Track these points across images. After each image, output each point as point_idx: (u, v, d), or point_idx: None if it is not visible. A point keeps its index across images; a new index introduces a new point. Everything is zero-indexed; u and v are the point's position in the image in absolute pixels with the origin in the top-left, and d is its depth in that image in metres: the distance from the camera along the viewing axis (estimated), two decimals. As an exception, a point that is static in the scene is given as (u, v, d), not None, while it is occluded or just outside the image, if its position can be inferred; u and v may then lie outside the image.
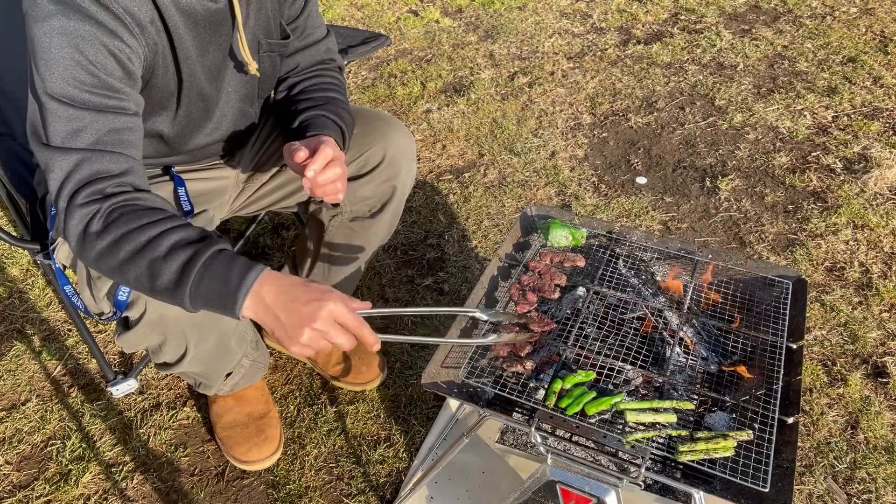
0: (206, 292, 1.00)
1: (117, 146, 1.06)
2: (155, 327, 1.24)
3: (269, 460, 1.66)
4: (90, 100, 1.03)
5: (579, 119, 2.89)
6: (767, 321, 1.33)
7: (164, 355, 1.34)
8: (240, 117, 1.40)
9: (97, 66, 1.03)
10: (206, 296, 1.00)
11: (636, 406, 1.16)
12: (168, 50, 1.16)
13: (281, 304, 0.99)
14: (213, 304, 1.01)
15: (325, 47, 1.47)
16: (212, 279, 0.99)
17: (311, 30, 1.43)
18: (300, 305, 0.98)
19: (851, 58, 3.17)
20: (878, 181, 2.44)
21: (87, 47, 1.01)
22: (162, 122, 1.26)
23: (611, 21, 3.63)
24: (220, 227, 2.35)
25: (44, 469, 1.69)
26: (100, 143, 1.04)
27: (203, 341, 1.31)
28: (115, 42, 1.04)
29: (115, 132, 1.06)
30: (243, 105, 1.38)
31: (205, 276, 0.99)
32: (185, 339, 1.28)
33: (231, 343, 1.42)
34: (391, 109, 3.02)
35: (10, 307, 2.12)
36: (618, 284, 1.43)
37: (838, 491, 1.57)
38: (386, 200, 1.54)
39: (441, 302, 2.08)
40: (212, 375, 1.54)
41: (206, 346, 1.33)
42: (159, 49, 1.14)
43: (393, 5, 3.93)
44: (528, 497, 1.22)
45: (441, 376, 1.23)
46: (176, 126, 1.28)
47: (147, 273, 1.01)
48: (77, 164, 1.02)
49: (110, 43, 1.04)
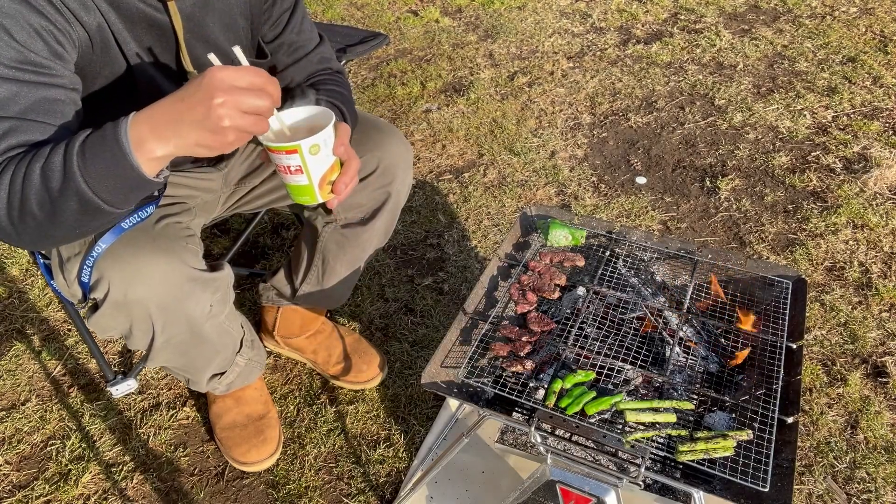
0: (91, 158, 0.93)
1: (48, 116, 1.02)
2: (120, 308, 1.21)
3: (269, 461, 1.66)
4: (15, 75, 1.00)
5: (579, 119, 2.89)
6: (767, 321, 1.33)
7: (136, 341, 1.31)
8: None
9: (20, 42, 1.00)
10: (95, 164, 0.93)
11: (636, 406, 1.16)
12: (110, 38, 1.13)
13: (170, 109, 0.91)
14: (107, 166, 0.93)
15: (319, 56, 1.43)
16: (91, 148, 0.93)
17: (301, 43, 1.39)
18: (188, 96, 0.90)
19: (851, 57, 3.17)
20: (877, 181, 2.44)
21: (10, 24, 0.99)
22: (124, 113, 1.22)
23: (611, 21, 3.63)
24: (219, 226, 2.37)
25: (43, 469, 1.69)
26: (30, 112, 1.00)
27: (171, 325, 1.27)
28: (41, 20, 1.02)
29: (46, 101, 1.02)
30: None
31: (85, 146, 0.94)
32: (151, 323, 1.25)
33: (204, 329, 1.35)
34: (391, 109, 3.02)
35: (10, 307, 2.12)
36: (618, 284, 1.43)
37: (838, 491, 1.57)
38: (378, 207, 1.52)
39: (441, 302, 2.08)
40: (193, 369, 1.51)
41: (175, 331, 1.30)
42: (96, 34, 1.11)
43: (393, 5, 3.93)
44: (528, 497, 1.22)
45: (441, 376, 1.23)
46: None
47: (40, 182, 0.94)
48: (3, 134, 0.99)
49: (35, 21, 1.01)
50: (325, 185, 1.11)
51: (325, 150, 1.07)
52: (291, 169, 1.06)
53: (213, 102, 0.88)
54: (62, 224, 0.99)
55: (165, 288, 1.20)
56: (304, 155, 1.04)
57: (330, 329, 1.90)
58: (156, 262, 1.19)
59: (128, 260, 1.17)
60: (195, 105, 0.89)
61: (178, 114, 0.91)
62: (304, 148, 1.03)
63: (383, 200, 1.51)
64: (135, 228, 1.21)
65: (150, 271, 1.18)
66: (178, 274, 1.21)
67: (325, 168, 1.09)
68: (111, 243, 1.17)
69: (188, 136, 0.91)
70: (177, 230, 1.27)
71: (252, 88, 0.91)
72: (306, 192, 1.10)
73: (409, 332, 1.99)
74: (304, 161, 1.05)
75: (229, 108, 0.89)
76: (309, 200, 1.12)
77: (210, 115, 0.89)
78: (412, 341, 1.96)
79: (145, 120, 0.93)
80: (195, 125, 0.90)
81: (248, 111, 0.91)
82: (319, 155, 1.06)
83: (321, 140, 1.05)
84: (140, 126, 0.92)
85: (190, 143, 0.92)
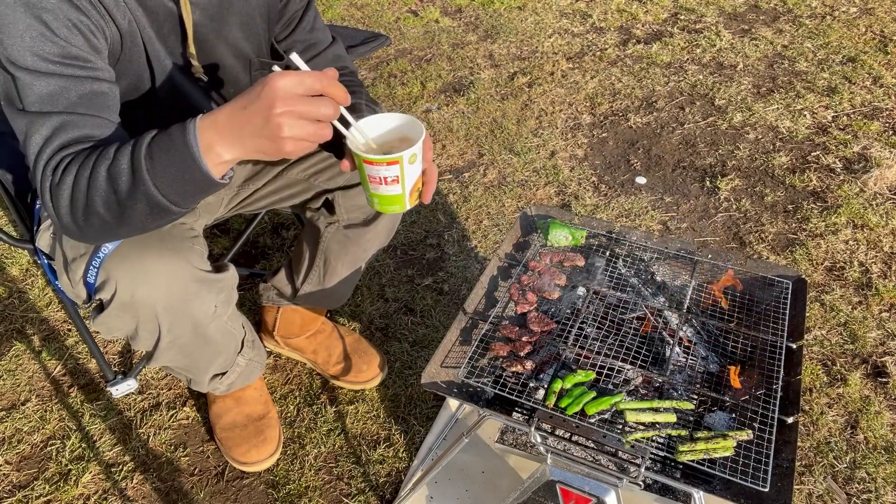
0: (160, 162, 0.94)
1: (97, 109, 1.03)
2: (126, 309, 1.21)
3: (269, 461, 1.66)
4: (61, 70, 1.01)
5: (579, 119, 2.89)
6: (767, 321, 1.33)
7: (141, 341, 1.31)
8: None
9: (62, 37, 1.01)
10: (165, 169, 0.94)
11: (636, 406, 1.16)
12: (138, 37, 1.14)
13: (233, 117, 0.91)
14: (177, 170, 0.95)
15: (333, 54, 1.43)
16: (160, 152, 0.94)
17: (313, 41, 1.40)
18: (249, 104, 0.89)
19: (851, 57, 3.17)
20: (877, 181, 2.45)
21: (50, 19, 1.00)
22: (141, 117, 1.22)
23: (610, 21, 3.63)
24: (220, 226, 2.37)
25: (43, 469, 1.69)
26: (80, 106, 1.01)
27: (176, 326, 1.28)
28: (79, 16, 1.02)
29: (94, 95, 1.03)
30: None
31: (153, 151, 0.94)
32: (158, 323, 1.25)
33: (208, 330, 1.36)
34: (391, 109, 3.02)
35: (10, 307, 2.12)
36: (618, 284, 1.43)
37: (838, 491, 1.57)
38: None
39: (441, 302, 2.08)
40: (196, 369, 1.51)
41: (180, 332, 1.30)
42: (126, 32, 1.12)
43: (393, 5, 3.93)
44: (528, 497, 1.22)
45: (441, 376, 1.23)
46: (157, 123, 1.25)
47: (106, 185, 0.96)
48: (57, 129, 1.00)
49: (74, 16, 1.02)
50: (414, 192, 1.11)
51: (419, 160, 1.08)
52: (388, 180, 1.06)
53: (272, 112, 0.87)
54: (128, 223, 1.01)
55: (172, 289, 1.20)
56: (404, 165, 1.04)
57: (330, 329, 1.90)
58: (163, 262, 1.19)
59: (135, 261, 1.17)
60: (254, 115, 0.89)
61: (240, 122, 0.91)
62: (405, 159, 1.03)
63: None
64: None
65: (158, 272, 1.18)
66: (185, 275, 1.21)
67: (416, 177, 1.09)
68: (118, 244, 1.18)
69: (249, 143, 0.92)
70: (182, 231, 1.27)
71: (312, 94, 0.90)
72: (397, 201, 1.10)
73: (409, 332, 1.99)
74: (403, 171, 1.05)
75: (289, 118, 0.88)
76: (398, 209, 1.12)
77: (269, 125, 0.88)
78: (412, 341, 1.96)
79: (210, 126, 0.93)
80: (255, 134, 0.90)
81: (309, 118, 0.89)
82: (415, 165, 1.07)
83: (419, 150, 1.06)
84: (206, 131, 0.93)
85: (251, 149, 0.93)
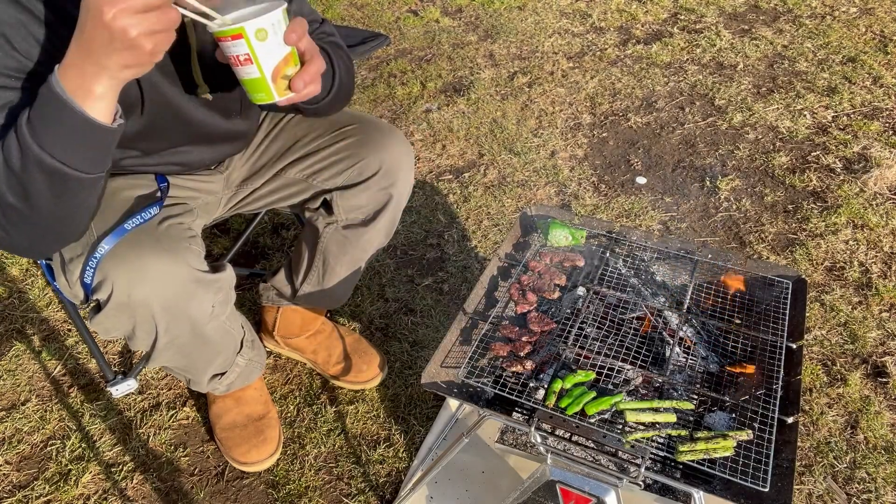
0: (38, 122, 0.93)
1: None
2: (123, 309, 1.21)
3: (268, 461, 1.66)
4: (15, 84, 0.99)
5: (579, 119, 2.89)
6: (767, 321, 1.33)
7: (139, 342, 1.31)
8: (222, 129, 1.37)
9: (22, 52, 0.99)
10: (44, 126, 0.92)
11: (636, 406, 1.16)
12: None
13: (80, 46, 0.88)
14: (56, 124, 0.92)
15: (320, 32, 1.38)
16: (35, 113, 0.93)
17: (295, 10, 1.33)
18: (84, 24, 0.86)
19: (851, 57, 3.17)
20: (877, 181, 2.45)
21: (12, 33, 0.98)
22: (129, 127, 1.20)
23: (610, 21, 3.63)
24: (219, 226, 2.37)
25: (43, 469, 1.69)
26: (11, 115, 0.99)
27: (174, 326, 1.27)
28: (44, 31, 1.00)
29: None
30: (223, 118, 1.35)
31: (31, 116, 0.93)
32: (155, 324, 1.25)
33: (206, 330, 1.35)
34: (391, 109, 3.02)
35: (10, 307, 2.11)
36: (618, 284, 1.43)
37: (838, 491, 1.57)
38: (380, 208, 1.52)
39: (441, 302, 2.08)
40: (194, 369, 1.51)
41: (178, 332, 1.30)
42: None
43: (393, 5, 3.93)
44: (528, 497, 1.22)
45: (441, 376, 1.23)
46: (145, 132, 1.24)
47: (4, 168, 0.95)
48: None
49: (39, 32, 0.99)
50: (279, 79, 1.04)
51: (274, 38, 1.00)
52: (241, 59, 1.00)
53: (105, 20, 0.83)
54: (40, 208, 0.98)
55: (169, 289, 1.20)
56: (251, 40, 0.98)
57: (330, 329, 1.90)
58: (159, 263, 1.18)
59: (132, 261, 1.17)
60: (94, 31, 0.85)
61: (88, 47, 0.87)
62: (248, 31, 0.97)
63: (385, 202, 1.52)
64: (138, 230, 1.20)
65: (154, 272, 1.18)
66: (182, 275, 1.21)
67: (277, 59, 1.02)
68: (114, 244, 1.17)
69: (109, 63, 0.88)
70: (179, 231, 1.27)
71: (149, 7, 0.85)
72: (261, 87, 1.03)
73: (409, 332, 1.99)
74: (252, 48, 0.99)
75: (126, 16, 0.83)
76: (265, 98, 1.05)
77: (113, 33, 0.84)
78: (412, 341, 1.96)
79: (67, 67, 0.90)
80: (107, 49, 0.86)
81: (145, 9, 0.84)
82: (268, 42, 1.00)
83: (268, 24, 0.98)
84: (66, 72, 0.90)
85: (115, 69, 0.88)
